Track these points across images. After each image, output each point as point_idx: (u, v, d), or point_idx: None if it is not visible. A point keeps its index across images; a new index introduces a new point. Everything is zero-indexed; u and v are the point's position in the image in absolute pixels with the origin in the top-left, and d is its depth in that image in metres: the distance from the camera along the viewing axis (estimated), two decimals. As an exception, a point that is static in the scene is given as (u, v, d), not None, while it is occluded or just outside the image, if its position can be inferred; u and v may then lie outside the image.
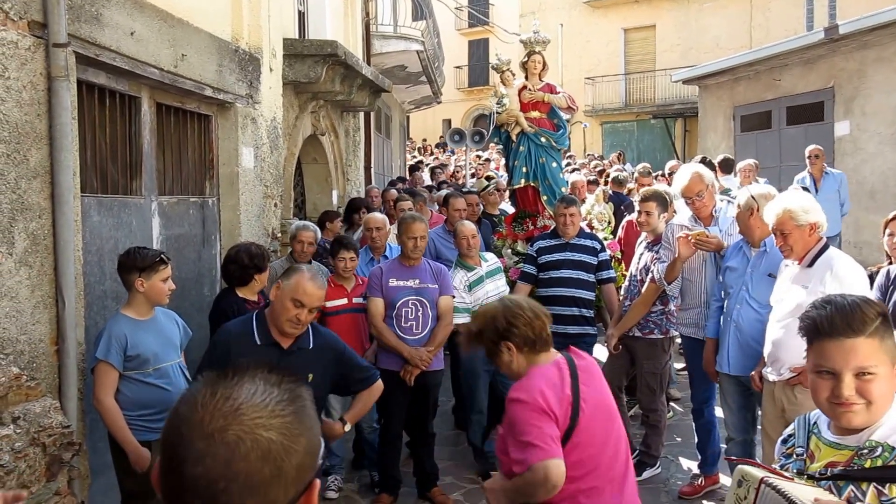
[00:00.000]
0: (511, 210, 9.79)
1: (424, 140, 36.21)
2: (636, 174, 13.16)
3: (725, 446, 6.03)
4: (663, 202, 6.76)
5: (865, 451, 2.31)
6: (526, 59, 9.26)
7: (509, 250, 8.80)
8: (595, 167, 17.93)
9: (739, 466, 2.43)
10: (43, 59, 4.46)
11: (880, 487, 2.22)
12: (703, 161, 12.17)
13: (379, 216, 7.68)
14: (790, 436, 2.65)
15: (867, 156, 14.24)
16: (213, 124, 7.20)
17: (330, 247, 6.98)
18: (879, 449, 2.28)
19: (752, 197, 5.47)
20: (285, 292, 4.21)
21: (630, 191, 12.23)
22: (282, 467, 1.27)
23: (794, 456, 2.55)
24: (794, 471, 2.47)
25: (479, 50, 41.67)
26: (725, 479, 6.41)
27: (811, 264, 4.72)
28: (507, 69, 9.31)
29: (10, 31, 4.21)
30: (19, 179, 4.31)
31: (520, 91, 9.08)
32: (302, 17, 11.59)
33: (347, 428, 4.66)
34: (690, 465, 6.95)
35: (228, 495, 1.24)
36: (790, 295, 4.79)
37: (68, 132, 4.56)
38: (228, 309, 5.78)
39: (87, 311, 5.09)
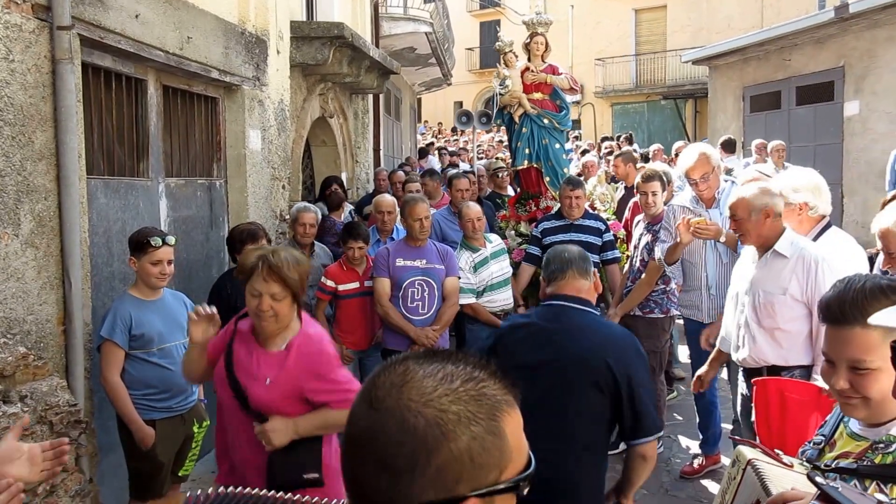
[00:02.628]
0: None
1: (440, 123, 36.28)
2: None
3: (732, 427, 6.04)
4: (664, 182, 6.82)
5: (881, 444, 2.16)
6: (528, 40, 9.27)
7: (512, 231, 8.83)
8: (607, 149, 17.90)
9: (738, 446, 2.40)
10: (47, 41, 4.49)
11: (882, 486, 2.05)
12: (726, 142, 12.17)
13: (389, 199, 7.72)
14: (825, 422, 2.51)
15: (877, 136, 14.19)
16: (220, 106, 7.23)
17: (340, 233, 7.04)
18: (895, 445, 2.13)
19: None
20: None
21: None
22: (417, 459, 1.21)
23: (812, 443, 2.43)
24: (804, 459, 2.37)
25: (490, 31, 41.41)
26: (726, 459, 6.46)
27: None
28: (510, 51, 9.33)
29: (13, 14, 4.24)
30: (24, 161, 4.35)
31: (522, 72, 9.09)
32: (309, -2, 11.61)
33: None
34: (690, 444, 7.02)
35: (365, 464, 1.25)
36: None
37: (73, 114, 4.60)
38: (222, 288, 5.90)
39: (95, 293, 5.14)
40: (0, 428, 3.78)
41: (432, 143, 23.80)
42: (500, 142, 22.59)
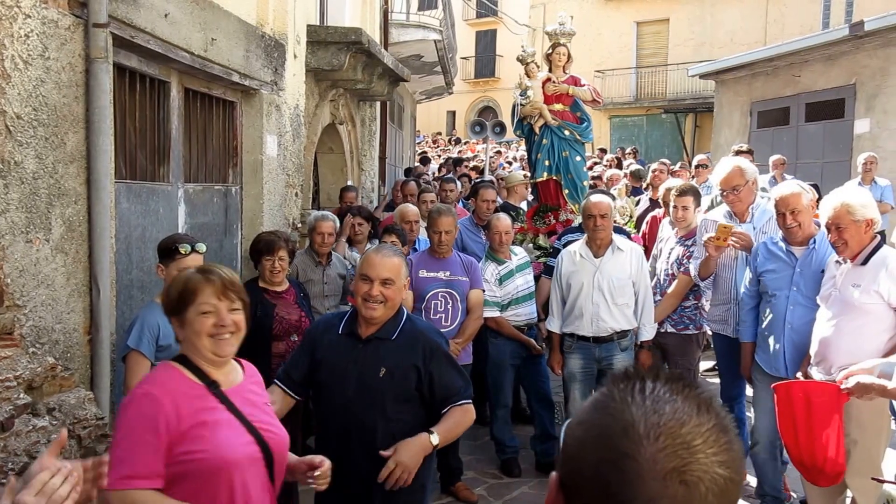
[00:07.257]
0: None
1: (438, 133, 36.29)
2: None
3: (750, 443, 5.85)
4: (698, 196, 6.74)
5: None
6: (550, 51, 9.23)
7: (531, 244, 8.69)
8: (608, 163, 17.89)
9: (885, 487, 2.30)
10: (82, 39, 4.34)
11: None
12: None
13: (414, 209, 7.59)
14: None
15: (886, 154, 14.13)
16: (238, 111, 7.08)
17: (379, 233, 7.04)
18: None
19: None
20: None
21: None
22: None
23: None
24: None
25: (486, 41, 41.51)
26: (752, 479, 6.22)
27: (864, 262, 4.61)
28: (532, 61, 9.24)
29: (50, 10, 4.09)
30: (56, 164, 4.19)
31: (543, 83, 9.01)
32: (322, 3, 11.45)
33: (434, 441, 3.59)
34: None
35: None
36: (841, 293, 4.70)
37: (106, 115, 4.45)
38: None
39: (116, 301, 4.97)
40: (30, 442, 3.62)
41: (426, 153, 23.78)
42: (499, 152, 22.48)
